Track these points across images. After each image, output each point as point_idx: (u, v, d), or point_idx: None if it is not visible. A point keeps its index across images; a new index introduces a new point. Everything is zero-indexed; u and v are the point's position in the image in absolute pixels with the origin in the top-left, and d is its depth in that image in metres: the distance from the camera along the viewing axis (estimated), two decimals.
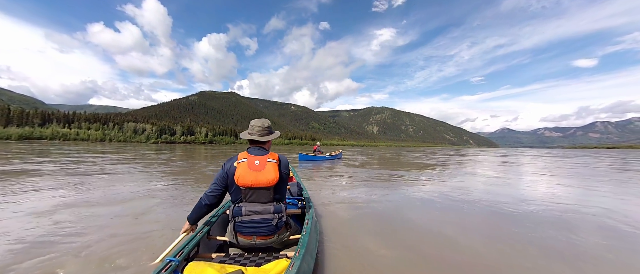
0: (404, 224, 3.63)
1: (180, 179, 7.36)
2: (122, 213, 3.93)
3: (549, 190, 6.55)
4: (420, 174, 9.52)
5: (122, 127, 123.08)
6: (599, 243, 3.09)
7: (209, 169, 10.42)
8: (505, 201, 5.08)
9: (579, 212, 4.43)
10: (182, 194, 5.36)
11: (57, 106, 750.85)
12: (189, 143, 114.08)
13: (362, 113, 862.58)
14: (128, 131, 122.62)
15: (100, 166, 10.40)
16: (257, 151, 2.17)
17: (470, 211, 4.37)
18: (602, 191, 6.55)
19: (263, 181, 2.04)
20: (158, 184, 6.40)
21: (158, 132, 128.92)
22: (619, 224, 3.79)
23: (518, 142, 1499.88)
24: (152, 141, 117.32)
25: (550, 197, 5.56)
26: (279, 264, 1.72)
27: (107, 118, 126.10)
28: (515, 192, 6.15)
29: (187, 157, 17.54)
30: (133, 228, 3.27)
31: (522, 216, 4.10)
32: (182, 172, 8.99)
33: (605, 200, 5.37)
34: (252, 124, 2.28)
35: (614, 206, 4.83)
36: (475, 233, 3.28)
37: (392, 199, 5.12)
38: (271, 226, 2.09)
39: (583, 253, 2.80)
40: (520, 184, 7.54)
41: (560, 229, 3.53)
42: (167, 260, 1.68)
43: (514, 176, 9.55)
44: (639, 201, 5.44)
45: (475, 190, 6.30)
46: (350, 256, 2.56)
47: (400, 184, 7.20)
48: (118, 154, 18.83)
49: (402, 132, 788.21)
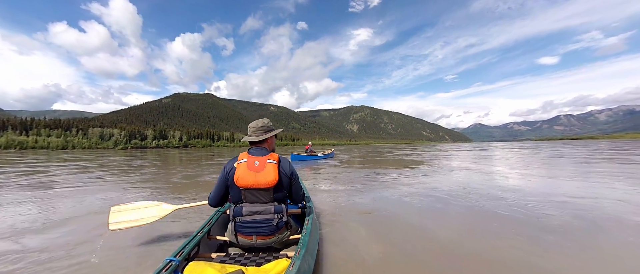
0: (404, 224, 3.51)
1: (150, 190, 5.99)
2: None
3: (549, 181, 6.56)
4: (413, 171, 9.17)
5: (86, 133, 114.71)
6: (567, 224, 3.33)
7: (182, 175, 8.89)
8: (511, 200, 4.65)
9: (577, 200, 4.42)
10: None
11: (16, 112, 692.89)
12: (162, 148, 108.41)
13: (342, 112, 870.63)
14: (93, 137, 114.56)
15: (55, 177, 8.58)
16: (257, 151, 2.16)
17: (473, 207, 4.22)
18: (578, 180, 6.68)
19: (262, 182, 2.02)
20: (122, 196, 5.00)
21: (127, 138, 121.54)
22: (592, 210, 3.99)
23: (490, 136, 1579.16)
24: (120, 147, 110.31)
25: (549, 189, 5.61)
26: (279, 264, 1.73)
27: (70, 124, 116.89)
28: (526, 188, 5.70)
29: (159, 164, 15.73)
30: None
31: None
32: (150, 180, 7.51)
33: (588, 189, 5.52)
34: (249, 126, 2.30)
35: (591, 193, 5.10)
36: (476, 232, 3.15)
37: (390, 198, 4.94)
38: (272, 226, 2.08)
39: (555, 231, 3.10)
40: (526, 178, 7.04)
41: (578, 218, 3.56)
42: (167, 260, 1.67)
43: (514, 170, 9.05)
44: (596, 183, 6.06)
45: (473, 186, 6.05)
46: (350, 256, 2.52)
47: (395, 182, 6.91)
48: (77, 162, 16.62)
49: (382, 130, 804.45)
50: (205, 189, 6.18)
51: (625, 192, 5.09)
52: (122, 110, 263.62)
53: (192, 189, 6.28)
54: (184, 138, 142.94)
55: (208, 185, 6.70)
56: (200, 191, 5.86)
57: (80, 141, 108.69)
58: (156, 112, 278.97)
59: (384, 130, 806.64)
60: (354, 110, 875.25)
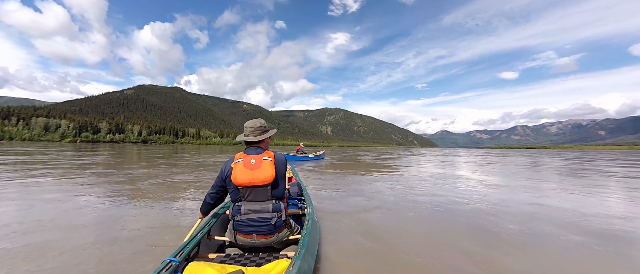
0: (404, 223, 3.64)
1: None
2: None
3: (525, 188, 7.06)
4: (401, 175, 9.57)
5: (29, 123, 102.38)
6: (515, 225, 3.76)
7: (115, 179, 7.26)
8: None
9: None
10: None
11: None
12: (117, 142, 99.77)
13: (316, 114, 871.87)
14: (36, 127, 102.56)
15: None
16: (253, 150, 2.20)
17: (466, 211, 4.43)
18: (537, 187, 7.33)
19: (260, 179, 2.06)
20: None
21: (77, 130, 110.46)
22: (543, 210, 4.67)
23: (454, 143, 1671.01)
24: (68, 140, 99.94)
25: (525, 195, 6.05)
26: (279, 264, 1.72)
27: (10, 112, 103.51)
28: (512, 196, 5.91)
29: (99, 161, 13.72)
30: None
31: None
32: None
33: (543, 197, 5.84)
34: (245, 125, 2.31)
35: (544, 200, 5.47)
36: (476, 231, 3.33)
37: (387, 200, 5.09)
38: (270, 225, 2.10)
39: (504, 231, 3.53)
40: (509, 186, 7.35)
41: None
42: (167, 260, 1.67)
43: (496, 177, 9.52)
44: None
45: (456, 189, 6.56)
46: (350, 256, 2.56)
47: (389, 184, 7.26)
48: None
49: (354, 133, 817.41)
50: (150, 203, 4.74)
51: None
52: (77, 100, 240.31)
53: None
54: (143, 133, 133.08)
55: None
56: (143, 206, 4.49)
57: (20, 131, 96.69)
58: (116, 104, 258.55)
59: (357, 133, 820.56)
60: (329, 112, 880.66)
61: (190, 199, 5.05)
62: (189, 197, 5.22)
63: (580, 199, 5.63)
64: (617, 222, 3.93)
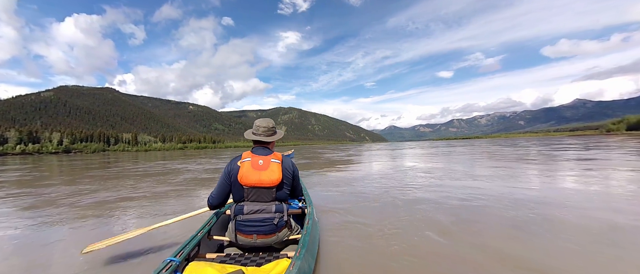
0: (404, 223, 3.57)
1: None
2: None
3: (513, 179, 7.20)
4: (384, 170, 9.87)
5: None
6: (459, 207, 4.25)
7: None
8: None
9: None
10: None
11: None
12: (30, 154, 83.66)
13: (270, 113, 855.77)
14: None
15: None
16: (261, 151, 2.18)
17: (456, 205, 4.40)
18: (478, 174, 7.98)
19: (266, 181, 2.06)
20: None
21: None
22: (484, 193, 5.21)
23: (402, 137, 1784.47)
24: None
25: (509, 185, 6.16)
26: (279, 264, 1.72)
27: None
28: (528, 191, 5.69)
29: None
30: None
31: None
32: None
33: (484, 183, 6.35)
34: (257, 124, 2.27)
35: (485, 185, 6.06)
36: (476, 230, 3.22)
37: (385, 198, 5.02)
38: (272, 225, 2.10)
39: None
40: (499, 178, 7.30)
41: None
42: (167, 260, 1.67)
43: (478, 168, 9.76)
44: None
45: (439, 182, 6.59)
46: (351, 256, 2.54)
47: (383, 181, 7.10)
48: None
49: (309, 131, 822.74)
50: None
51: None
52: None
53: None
54: (65, 141, 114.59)
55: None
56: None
57: None
58: (31, 109, 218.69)
59: (312, 131, 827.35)
60: (283, 111, 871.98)
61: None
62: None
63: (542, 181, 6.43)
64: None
